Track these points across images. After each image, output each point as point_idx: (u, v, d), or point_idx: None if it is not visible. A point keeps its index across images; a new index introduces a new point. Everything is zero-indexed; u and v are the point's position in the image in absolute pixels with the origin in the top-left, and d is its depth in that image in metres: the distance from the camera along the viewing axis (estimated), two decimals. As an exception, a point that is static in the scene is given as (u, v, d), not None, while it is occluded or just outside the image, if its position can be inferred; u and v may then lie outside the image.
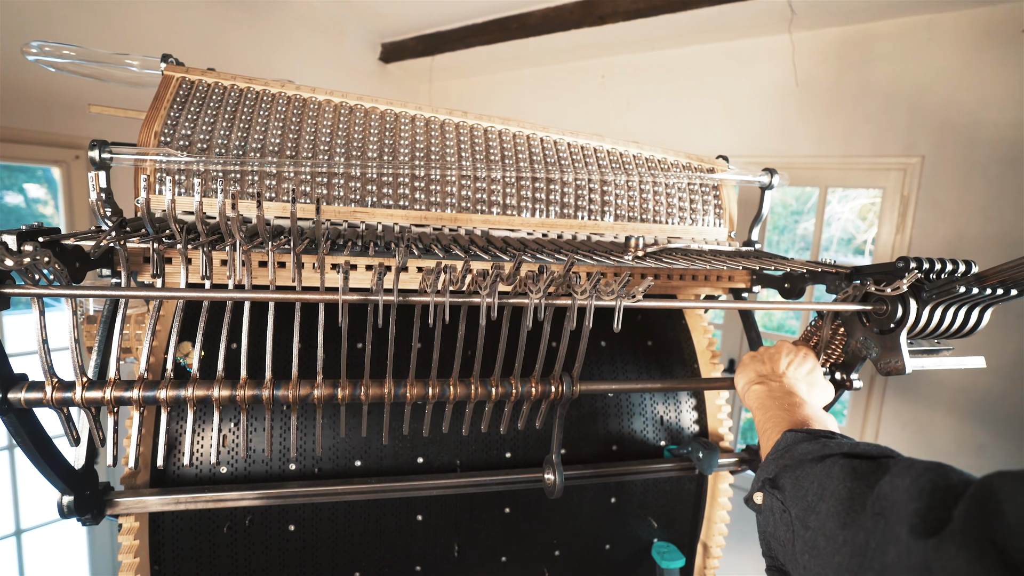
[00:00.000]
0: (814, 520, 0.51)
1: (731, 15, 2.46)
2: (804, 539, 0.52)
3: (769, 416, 0.73)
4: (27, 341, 2.17)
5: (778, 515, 0.58)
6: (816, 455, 0.57)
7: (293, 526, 0.93)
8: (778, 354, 0.87)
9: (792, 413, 0.72)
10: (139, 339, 1.01)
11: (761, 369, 0.85)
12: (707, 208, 1.22)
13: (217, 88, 0.99)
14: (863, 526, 0.45)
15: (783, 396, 0.77)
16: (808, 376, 0.85)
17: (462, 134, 1.08)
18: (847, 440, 0.59)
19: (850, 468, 0.52)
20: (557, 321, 0.79)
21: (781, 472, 0.60)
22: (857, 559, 0.44)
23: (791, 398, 0.76)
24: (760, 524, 0.62)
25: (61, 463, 0.74)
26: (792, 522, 0.55)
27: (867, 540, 0.44)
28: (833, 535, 0.48)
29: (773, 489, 0.60)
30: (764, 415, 0.75)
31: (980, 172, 2.26)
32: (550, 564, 1.09)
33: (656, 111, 3.10)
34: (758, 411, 0.77)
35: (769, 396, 0.78)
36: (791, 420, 0.70)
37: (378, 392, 0.74)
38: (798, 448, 0.60)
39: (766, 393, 0.79)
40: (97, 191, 0.77)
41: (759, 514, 0.63)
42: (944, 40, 2.31)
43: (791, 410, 0.72)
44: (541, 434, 1.04)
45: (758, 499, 0.63)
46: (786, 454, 0.61)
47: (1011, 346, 2.20)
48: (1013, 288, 0.77)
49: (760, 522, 0.62)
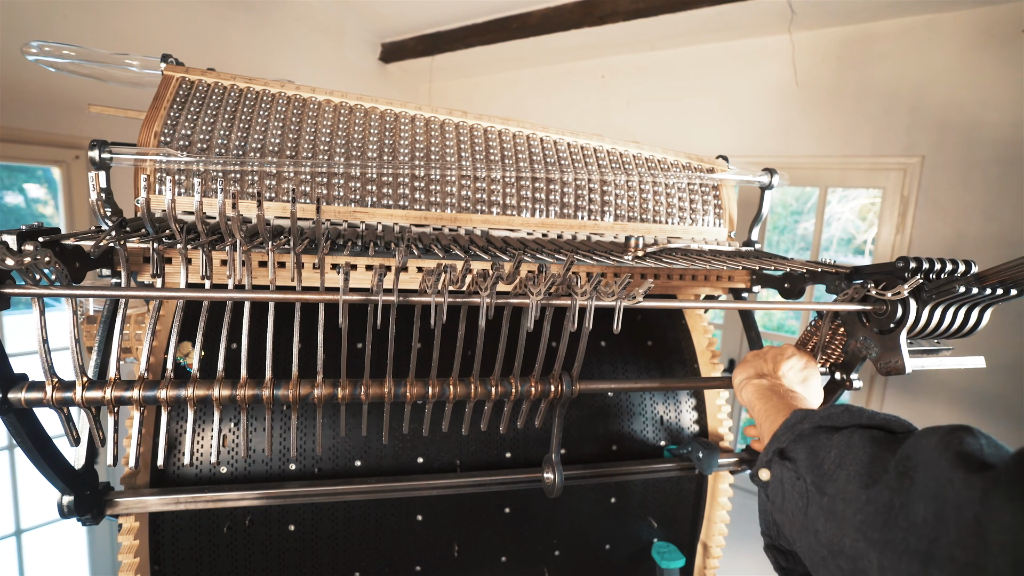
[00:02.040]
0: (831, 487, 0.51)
1: (731, 15, 2.46)
2: (820, 504, 0.52)
3: (772, 405, 0.73)
4: (27, 341, 2.17)
5: (788, 485, 0.57)
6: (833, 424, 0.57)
7: (293, 526, 0.93)
8: (782, 356, 0.88)
9: (794, 404, 0.73)
10: (139, 339, 1.01)
11: (762, 367, 0.86)
12: (707, 208, 1.22)
13: (217, 88, 0.99)
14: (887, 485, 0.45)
15: (785, 392, 0.78)
16: (805, 383, 0.86)
17: (462, 134, 1.08)
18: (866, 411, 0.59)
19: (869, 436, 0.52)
20: (557, 321, 0.79)
21: (794, 442, 0.59)
22: (882, 516, 0.44)
23: (791, 393, 0.78)
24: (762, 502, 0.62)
25: (61, 463, 0.74)
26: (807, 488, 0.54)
27: (891, 499, 0.44)
28: (855, 496, 0.48)
29: (783, 460, 0.59)
30: (766, 404, 0.75)
31: (980, 172, 2.26)
32: (550, 564, 1.09)
33: (656, 111, 3.10)
34: (758, 400, 0.77)
35: (771, 389, 0.79)
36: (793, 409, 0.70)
37: (378, 391, 0.74)
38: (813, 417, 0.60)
39: (768, 387, 0.80)
40: (97, 191, 0.77)
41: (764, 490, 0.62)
42: (944, 40, 2.31)
43: (794, 402, 0.73)
44: (541, 434, 1.04)
45: (764, 475, 0.62)
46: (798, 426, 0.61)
47: (1011, 346, 2.20)
48: (1013, 288, 0.77)
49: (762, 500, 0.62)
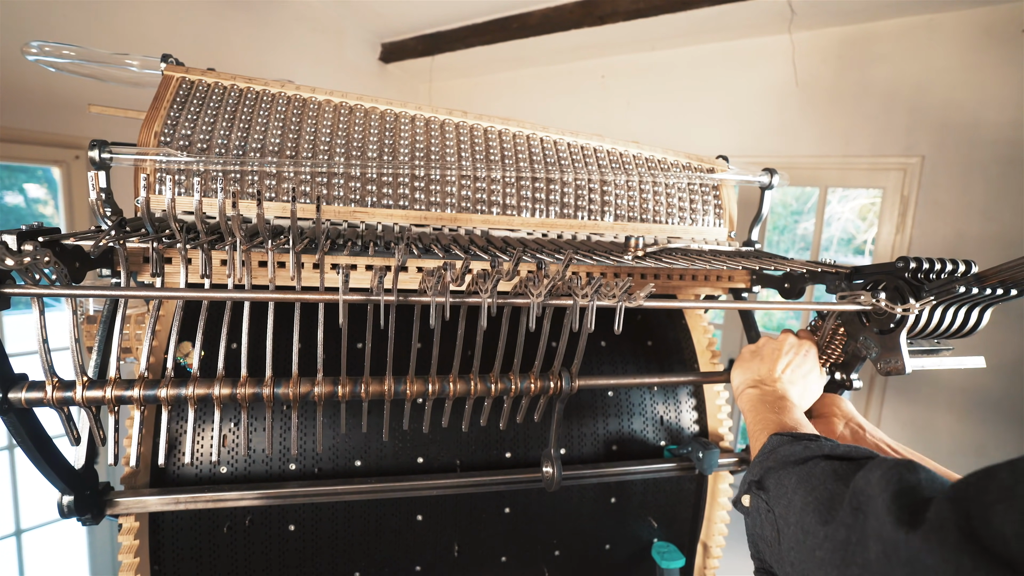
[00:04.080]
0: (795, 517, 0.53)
1: (731, 15, 2.47)
2: (788, 536, 0.54)
3: (759, 419, 0.76)
4: (27, 341, 2.17)
5: (763, 515, 0.60)
6: (798, 457, 0.60)
7: (293, 526, 0.93)
8: (778, 351, 0.88)
9: (781, 417, 0.74)
10: (139, 339, 1.01)
11: (759, 370, 0.87)
12: (707, 208, 1.22)
13: (217, 88, 0.99)
14: (843, 521, 0.46)
15: (775, 400, 0.79)
16: (804, 379, 0.87)
17: (462, 134, 1.08)
18: (829, 442, 0.61)
19: (831, 469, 0.54)
20: (557, 321, 0.79)
21: (766, 474, 0.62)
22: (839, 554, 0.45)
23: (782, 402, 0.78)
24: (748, 526, 0.64)
25: (61, 463, 0.74)
26: (776, 520, 0.57)
27: (847, 535, 0.45)
28: (815, 531, 0.49)
29: (759, 490, 0.62)
30: (754, 417, 0.77)
31: (980, 172, 2.26)
32: (550, 564, 1.09)
33: (656, 111, 3.10)
34: (749, 413, 0.80)
35: (761, 400, 0.80)
36: (779, 424, 0.72)
37: (378, 389, 0.74)
38: (781, 450, 0.63)
39: (758, 397, 0.81)
40: (97, 191, 0.77)
41: (747, 516, 0.64)
42: (944, 40, 2.31)
43: (780, 414, 0.75)
44: (541, 434, 1.04)
45: (745, 501, 0.65)
46: (770, 456, 0.64)
47: (1011, 346, 2.20)
48: (1013, 288, 0.77)
49: (748, 524, 0.64)
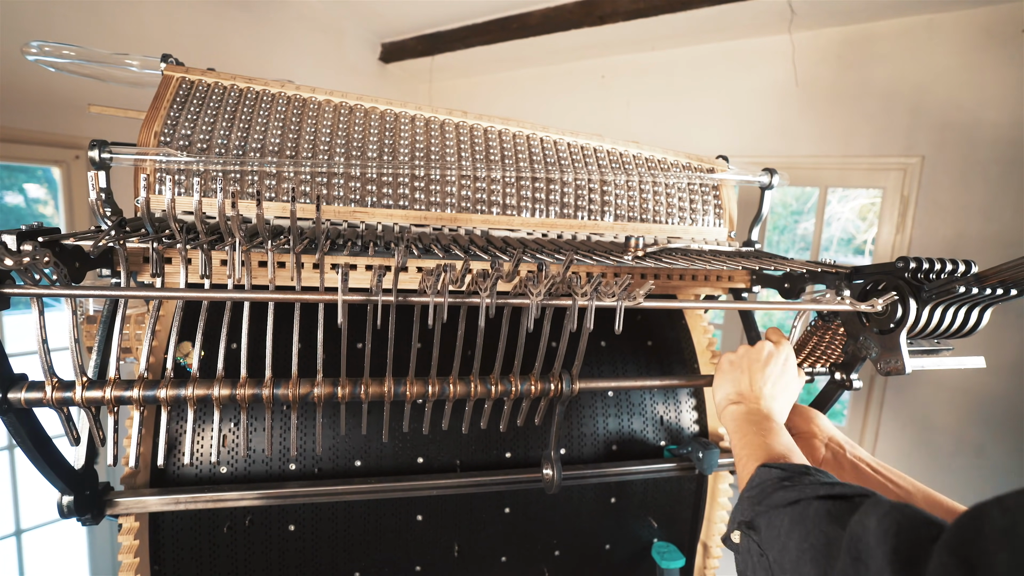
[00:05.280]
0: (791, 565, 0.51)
1: (731, 15, 2.47)
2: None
3: (745, 443, 0.72)
4: (27, 341, 2.17)
5: (756, 559, 0.57)
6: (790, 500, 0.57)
7: (293, 526, 0.93)
8: (758, 362, 0.83)
9: (768, 440, 0.71)
10: (139, 339, 1.01)
11: (740, 383, 0.83)
12: (707, 208, 1.22)
13: (217, 88, 0.99)
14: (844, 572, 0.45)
15: (760, 420, 0.75)
16: (786, 390, 0.83)
17: (462, 134, 1.08)
18: (820, 475, 0.59)
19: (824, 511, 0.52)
20: (557, 321, 0.79)
21: (756, 516, 0.59)
22: None
23: (768, 423, 0.75)
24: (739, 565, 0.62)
25: (61, 463, 0.74)
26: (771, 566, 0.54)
27: None
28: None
29: (749, 531, 0.59)
30: (741, 440, 0.74)
31: (980, 172, 2.26)
32: (550, 564, 1.09)
33: (656, 111, 3.10)
34: (734, 434, 0.76)
35: (746, 420, 0.76)
36: (766, 451, 0.69)
37: (378, 390, 0.74)
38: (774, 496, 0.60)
39: (743, 416, 0.77)
40: (97, 191, 0.77)
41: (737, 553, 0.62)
42: (944, 40, 2.31)
43: (767, 436, 0.72)
44: (541, 434, 1.04)
45: (735, 538, 0.62)
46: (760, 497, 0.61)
47: (1011, 346, 2.20)
48: (1013, 288, 0.77)
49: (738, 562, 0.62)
